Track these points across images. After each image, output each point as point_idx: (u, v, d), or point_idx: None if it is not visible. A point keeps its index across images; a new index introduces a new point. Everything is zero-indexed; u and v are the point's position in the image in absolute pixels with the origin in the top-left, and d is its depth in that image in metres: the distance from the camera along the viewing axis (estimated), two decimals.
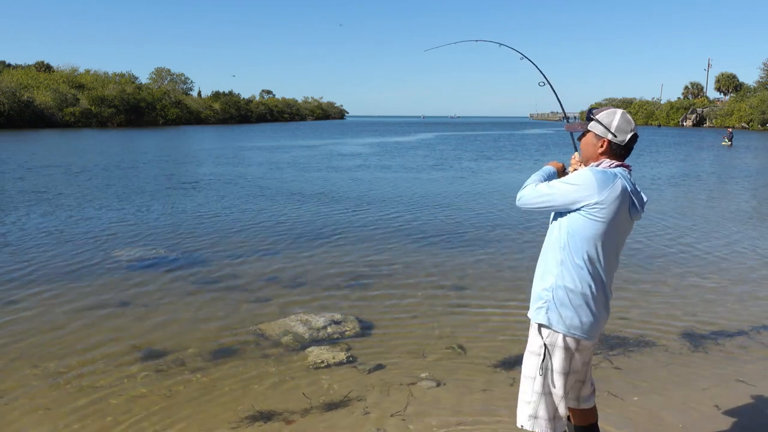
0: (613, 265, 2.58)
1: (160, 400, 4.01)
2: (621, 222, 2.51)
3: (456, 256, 8.18)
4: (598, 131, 2.58)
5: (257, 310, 5.91)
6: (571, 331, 2.52)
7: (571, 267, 2.50)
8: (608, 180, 2.46)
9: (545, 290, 2.58)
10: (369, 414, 3.82)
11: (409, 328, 5.45)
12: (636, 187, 2.57)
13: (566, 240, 2.52)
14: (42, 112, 59.94)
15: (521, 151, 33.25)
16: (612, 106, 2.63)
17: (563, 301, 2.52)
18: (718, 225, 10.71)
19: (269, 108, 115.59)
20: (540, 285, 2.62)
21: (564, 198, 2.50)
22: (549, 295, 2.55)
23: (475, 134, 62.58)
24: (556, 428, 2.61)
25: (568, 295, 2.51)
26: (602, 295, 2.54)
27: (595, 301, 2.52)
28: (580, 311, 2.50)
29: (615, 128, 2.54)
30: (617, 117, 2.56)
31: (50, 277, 6.97)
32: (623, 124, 2.55)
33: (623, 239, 2.61)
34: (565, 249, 2.52)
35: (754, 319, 5.68)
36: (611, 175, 2.49)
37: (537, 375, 2.59)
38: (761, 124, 71.29)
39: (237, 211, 11.84)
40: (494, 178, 19.01)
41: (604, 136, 2.56)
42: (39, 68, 77.70)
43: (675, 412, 3.85)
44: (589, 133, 2.63)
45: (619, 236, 2.55)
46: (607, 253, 2.52)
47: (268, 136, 49.83)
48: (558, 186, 2.54)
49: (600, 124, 2.57)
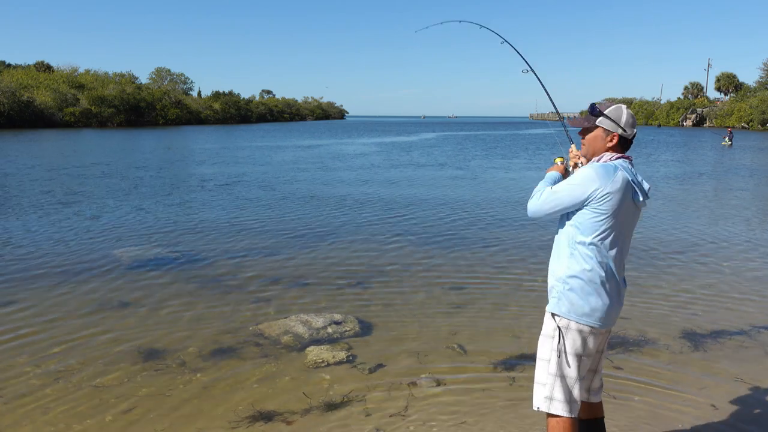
0: (622, 252, 2.67)
1: (160, 400, 4.01)
2: (626, 211, 2.61)
3: (457, 255, 8.17)
4: (607, 126, 2.67)
5: (257, 310, 5.91)
6: (583, 319, 2.60)
7: (580, 258, 2.60)
8: (609, 173, 2.56)
9: (557, 281, 2.67)
10: (369, 414, 3.82)
11: (409, 328, 5.45)
12: (638, 176, 2.66)
13: (574, 233, 2.63)
14: (42, 112, 59.95)
15: (532, 150, 33.23)
16: (613, 103, 2.75)
17: (573, 290, 2.61)
18: (718, 224, 10.71)
19: (269, 108, 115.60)
20: (552, 277, 2.72)
21: (571, 197, 2.60)
22: (560, 286, 2.65)
23: (478, 134, 62.61)
24: (572, 410, 2.65)
25: (578, 284, 2.60)
26: (613, 283, 2.63)
27: (605, 290, 2.60)
28: (591, 299, 2.59)
29: (624, 123, 2.66)
30: (625, 113, 2.68)
31: (50, 276, 6.96)
32: (630, 119, 2.68)
33: (631, 227, 2.70)
34: (574, 241, 2.62)
35: (754, 319, 5.68)
36: (612, 167, 2.58)
37: (552, 357, 2.66)
38: (761, 124, 71.27)
39: (237, 211, 11.84)
40: (498, 177, 19.01)
41: (614, 131, 2.65)
42: (39, 68, 77.66)
43: (675, 412, 3.86)
44: (598, 128, 2.70)
45: (625, 224, 2.64)
46: (615, 243, 2.61)
47: (268, 136, 49.81)
48: (563, 187, 2.65)
49: (609, 119, 2.66)
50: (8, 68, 73.47)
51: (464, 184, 17.12)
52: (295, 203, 13.04)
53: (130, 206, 12.28)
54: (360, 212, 11.81)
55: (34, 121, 58.41)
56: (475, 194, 14.78)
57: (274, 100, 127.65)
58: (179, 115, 79.00)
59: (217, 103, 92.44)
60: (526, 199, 2.77)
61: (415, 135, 58.24)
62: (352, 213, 11.73)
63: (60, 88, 64.36)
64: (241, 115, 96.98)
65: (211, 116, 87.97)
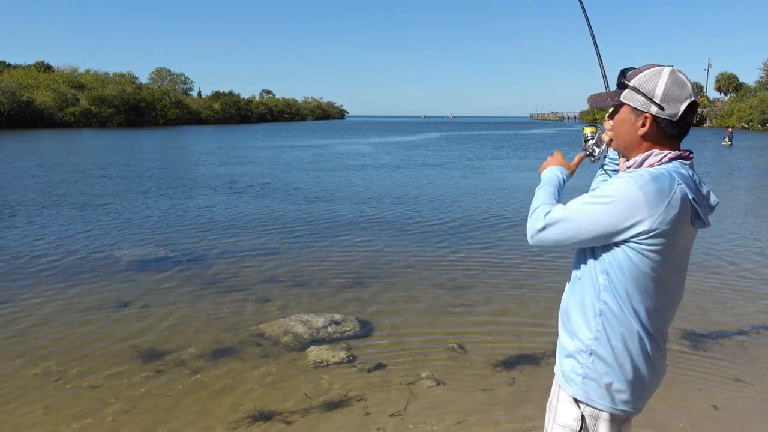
0: (674, 305, 1.84)
1: (160, 400, 4.01)
2: (684, 244, 1.74)
3: (457, 255, 8.17)
4: (636, 103, 1.74)
5: (257, 310, 5.91)
6: (620, 407, 1.82)
7: (616, 322, 1.75)
8: (664, 191, 1.64)
9: (580, 352, 1.82)
10: (369, 414, 3.82)
11: (410, 327, 5.45)
12: (702, 185, 1.75)
13: (606, 284, 1.75)
14: (42, 112, 59.94)
15: (538, 148, 33.23)
16: (656, 65, 1.75)
17: (607, 368, 1.78)
18: (718, 224, 10.70)
19: (269, 108, 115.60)
20: (570, 342, 1.86)
21: (595, 227, 1.69)
22: (586, 360, 1.81)
23: (481, 134, 62.62)
24: None
25: (614, 360, 1.77)
26: (658, 354, 1.82)
27: (650, 365, 1.80)
28: (631, 380, 1.79)
29: (662, 96, 1.69)
30: (664, 79, 1.69)
31: (51, 276, 6.96)
32: (674, 88, 1.69)
33: (687, 262, 1.82)
34: (606, 296, 1.76)
35: (754, 319, 5.68)
36: (666, 179, 1.65)
37: None
38: (761, 124, 71.30)
39: (238, 211, 11.84)
40: (502, 176, 19.00)
41: (646, 109, 1.72)
42: (39, 68, 77.66)
43: (675, 412, 3.86)
44: (624, 107, 1.78)
45: (682, 263, 1.78)
46: (668, 295, 1.77)
47: (268, 136, 49.81)
48: (583, 210, 1.72)
49: (638, 92, 1.72)
50: (8, 68, 73.46)
51: (465, 184, 17.11)
52: (296, 203, 13.03)
53: (131, 206, 12.28)
54: (361, 212, 11.80)
55: (34, 121, 58.40)
56: (476, 194, 14.77)
57: (274, 100, 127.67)
58: (179, 115, 78.99)
59: (217, 103, 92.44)
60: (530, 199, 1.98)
61: (418, 135, 58.23)
62: (352, 213, 11.72)
63: (60, 88, 64.36)
64: (241, 115, 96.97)
65: (211, 116, 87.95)
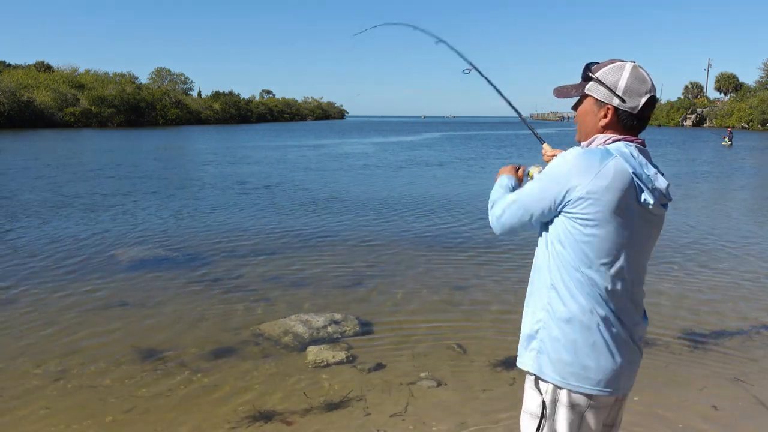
0: (632, 280, 1.83)
1: (160, 400, 4.01)
2: (629, 218, 1.78)
3: (457, 255, 8.18)
4: (599, 95, 1.85)
5: (257, 310, 5.91)
6: (573, 382, 1.80)
7: (565, 291, 1.80)
8: (593, 160, 1.74)
9: (534, 325, 1.87)
10: (369, 414, 3.82)
11: (409, 327, 5.45)
12: (648, 167, 1.83)
13: (553, 255, 1.83)
14: (42, 112, 59.94)
15: (539, 148, 33.22)
16: (619, 60, 1.87)
17: (558, 341, 1.80)
18: (718, 224, 10.71)
19: (269, 108, 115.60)
20: (528, 320, 1.91)
21: (537, 198, 1.83)
22: (540, 334, 1.85)
23: (481, 134, 62.60)
24: None
25: (564, 331, 1.79)
26: (618, 327, 1.80)
27: (607, 338, 1.79)
28: (584, 354, 1.78)
29: (623, 89, 1.80)
30: (626, 73, 1.81)
31: (50, 276, 6.96)
32: (635, 83, 1.81)
33: (643, 241, 1.85)
34: (554, 267, 1.82)
35: (754, 319, 5.68)
36: (600, 153, 1.76)
37: None
38: (761, 124, 71.30)
39: (238, 211, 11.84)
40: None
41: (608, 101, 1.83)
42: (39, 68, 77.65)
43: (675, 412, 3.86)
44: (587, 98, 1.89)
45: (632, 238, 1.81)
46: (617, 266, 1.79)
47: (269, 137, 49.81)
48: (526, 190, 1.90)
49: (602, 84, 1.84)
50: (8, 68, 73.43)
51: (466, 184, 17.11)
52: (296, 203, 13.03)
53: (131, 206, 12.27)
54: (361, 212, 11.79)
55: (34, 121, 58.39)
56: (477, 194, 14.76)
57: (274, 100, 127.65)
58: (179, 115, 78.99)
59: (217, 103, 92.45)
60: None
61: (419, 135, 58.21)
62: (353, 213, 11.72)
63: (60, 88, 64.36)
64: (241, 115, 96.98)
65: (211, 116, 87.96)
